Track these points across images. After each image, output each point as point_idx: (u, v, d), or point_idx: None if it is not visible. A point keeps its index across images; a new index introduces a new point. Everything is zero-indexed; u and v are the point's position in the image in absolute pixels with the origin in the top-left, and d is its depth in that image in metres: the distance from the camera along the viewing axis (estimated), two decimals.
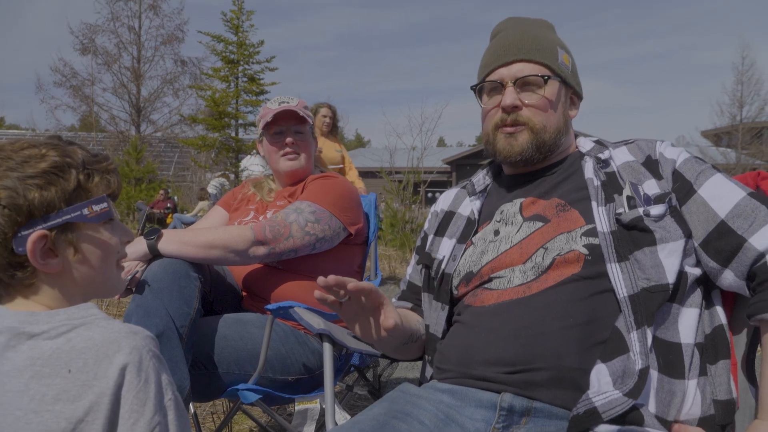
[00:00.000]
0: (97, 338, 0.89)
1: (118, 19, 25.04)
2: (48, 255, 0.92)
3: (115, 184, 1.01)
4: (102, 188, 0.98)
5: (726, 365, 1.11)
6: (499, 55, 1.32)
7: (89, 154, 0.99)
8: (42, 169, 0.91)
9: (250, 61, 17.42)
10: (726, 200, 1.12)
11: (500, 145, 1.31)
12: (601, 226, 1.14)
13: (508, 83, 1.28)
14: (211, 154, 17.92)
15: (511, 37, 1.33)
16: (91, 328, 0.91)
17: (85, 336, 0.89)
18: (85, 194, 0.95)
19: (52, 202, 0.91)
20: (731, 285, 1.12)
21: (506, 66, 1.30)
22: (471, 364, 1.16)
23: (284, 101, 2.11)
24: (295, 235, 1.84)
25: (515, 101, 1.27)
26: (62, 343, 0.89)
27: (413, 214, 11.10)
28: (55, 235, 0.92)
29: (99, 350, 0.87)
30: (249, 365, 1.72)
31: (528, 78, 1.28)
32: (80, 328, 0.90)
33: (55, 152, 0.94)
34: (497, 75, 1.31)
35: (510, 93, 1.27)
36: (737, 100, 24.88)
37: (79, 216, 0.94)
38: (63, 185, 0.92)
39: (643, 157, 1.25)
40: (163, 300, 1.56)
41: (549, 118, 1.29)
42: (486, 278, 1.23)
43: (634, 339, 1.04)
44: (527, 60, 1.29)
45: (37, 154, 0.93)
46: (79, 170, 0.95)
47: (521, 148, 1.28)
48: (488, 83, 1.33)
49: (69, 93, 25.13)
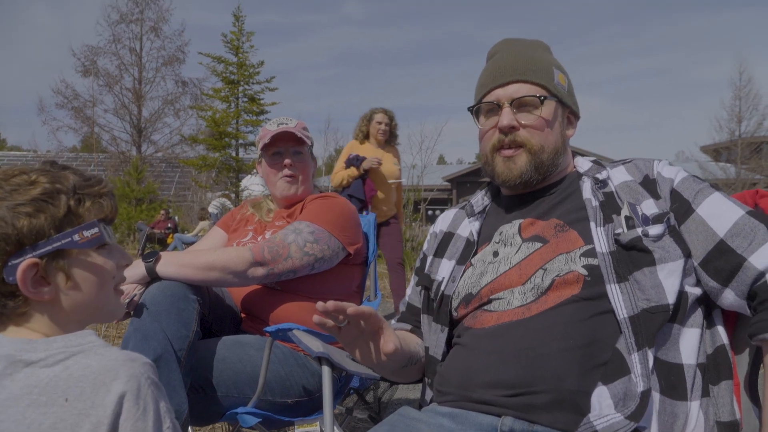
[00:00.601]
0: (95, 366, 0.87)
1: (120, 41, 25.27)
2: (39, 283, 0.91)
3: (108, 208, 0.99)
4: (94, 213, 0.96)
5: (729, 386, 1.10)
6: (495, 76, 1.32)
7: (81, 179, 0.97)
8: (31, 197, 0.90)
9: (250, 82, 17.56)
10: (725, 219, 1.12)
11: (499, 169, 1.31)
12: (600, 246, 1.14)
13: (504, 104, 1.29)
14: (211, 173, 18.00)
15: (506, 59, 1.34)
16: (88, 355, 0.89)
17: (83, 364, 0.88)
18: (76, 220, 0.94)
19: (42, 230, 0.90)
20: (732, 304, 1.11)
21: (502, 87, 1.31)
22: (471, 386, 1.14)
23: (283, 123, 2.12)
24: (294, 255, 1.84)
25: (512, 122, 1.27)
26: (59, 371, 0.87)
27: (414, 233, 11.09)
28: (46, 262, 0.91)
29: (96, 378, 0.86)
30: (248, 388, 1.71)
31: (524, 98, 1.28)
32: (78, 355, 0.89)
33: (45, 178, 0.92)
34: (493, 96, 1.31)
35: (507, 114, 1.28)
36: (735, 116, 24.97)
37: (69, 242, 0.92)
38: (52, 212, 0.91)
39: (641, 177, 1.24)
40: (161, 323, 1.55)
41: (547, 137, 1.29)
42: (485, 300, 1.22)
43: (635, 361, 1.03)
44: (523, 80, 1.30)
45: (26, 181, 0.92)
46: (69, 196, 0.93)
47: (520, 170, 1.28)
48: (485, 104, 1.33)
49: (71, 114, 25.28)
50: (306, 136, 2.13)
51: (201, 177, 19.43)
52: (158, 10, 25.65)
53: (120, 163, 24.65)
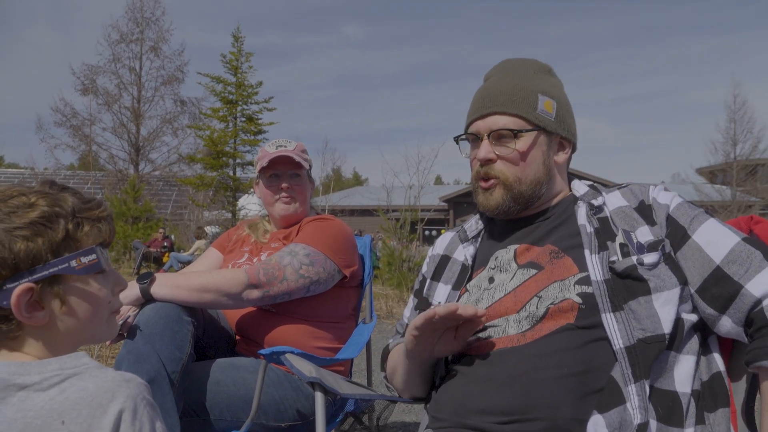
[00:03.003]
0: (91, 388, 0.86)
1: (120, 61, 25.43)
2: (34, 308, 0.89)
3: (107, 233, 0.97)
4: (92, 238, 0.95)
5: (725, 413, 1.09)
6: (477, 107, 1.35)
7: (81, 201, 0.95)
8: (29, 220, 0.88)
9: (248, 102, 17.67)
10: (721, 246, 1.12)
11: (480, 199, 1.35)
12: (594, 275, 1.14)
13: (483, 136, 1.32)
14: (209, 192, 18.01)
15: (490, 88, 1.36)
16: (84, 377, 0.88)
17: (79, 386, 0.87)
18: (74, 244, 0.92)
19: (39, 254, 0.88)
20: (729, 332, 1.10)
21: (482, 119, 1.33)
22: (465, 413, 1.13)
23: (281, 145, 2.12)
24: (290, 278, 1.83)
25: (488, 154, 1.30)
26: (55, 394, 0.86)
27: (410, 253, 11.07)
28: (42, 287, 0.89)
29: (93, 400, 0.85)
30: (242, 411, 1.69)
31: (500, 131, 1.30)
32: (73, 378, 0.88)
33: (44, 201, 0.91)
34: (475, 127, 1.35)
35: (485, 146, 1.31)
36: (730, 138, 25.18)
37: (66, 268, 0.90)
38: (50, 236, 0.89)
39: (637, 202, 1.25)
40: (154, 345, 1.54)
41: (524, 170, 1.30)
42: (481, 327, 1.22)
43: (632, 392, 1.02)
44: (500, 112, 1.31)
45: (25, 203, 0.90)
46: (68, 219, 0.92)
47: (496, 202, 1.31)
48: (468, 134, 1.37)
49: (69, 132, 25.35)
50: (304, 159, 2.14)
51: (198, 196, 19.45)
52: (158, 31, 25.89)
53: (117, 182, 24.65)
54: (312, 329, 1.94)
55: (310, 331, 1.94)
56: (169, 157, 26.06)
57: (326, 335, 1.97)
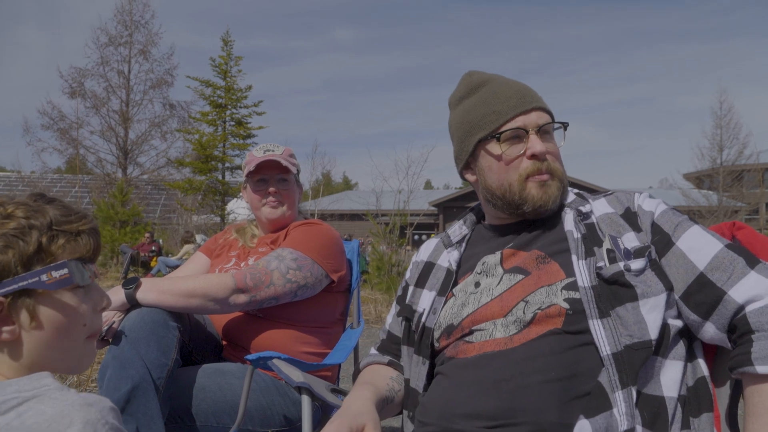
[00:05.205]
0: (49, 412, 0.81)
1: (108, 64, 25.31)
2: (2, 322, 0.86)
3: (86, 247, 0.94)
4: (68, 251, 0.91)
5: (709, 418, 1.10)
6: (514, 103, 1.29)
7: (62, 214, 0.92)
8: (2, 232, 0.86)
9: (237, 106, 17.65)
10: (704, 252, 1.12)
11: (535, 194, 1.27)
12: (581, 280, 1.14)
13: (531, 131, 1.27)
14: (197, 197, 17.93)
15: (516, 86, 1.33)
16: (42, 400, 0.83)
17: (37, 410, 0.81)
18: (47, 257, 0.89)
19: (8, 267, 0.85)
20: (713, 338, 1.11)
21: (526, 114, 1.28)
22: (452, 417, 1.13)
23: (269, 149, 2.12)
24: (277, 282, 1.82)
25: (544, 148, 1.26)
26: (12, 419, 0.81)
27: (400, 257, 11.08)
28: (11, 300, 0.86)
29: (50, 426, 0.79)
30: (228, 417, 1.68)
31: (546, 127, 1.29)
32: (31, 401, 0.83)
33: (21, 212, 0.88)
34: (519, 122, 1.28)
35: (538, 141, 1.26)
36: (717, 144, 25.44)
37: (36, 282, 0.87)
38: (21, 248, 0.86)
39: (622, 209, 1.25)
40: (139, 350, 1.53)
41: (562, 166, 1.31)
42: (467, 331, 1.22)
43: (619, 399, 1.02)
44: (541, 108, 1.30)
45: (1, 214, 0.88)
46: (42, 232, 0.88)
47: (554, 196, 1.27)
48: (510, 131, 1.29)
49: (56, 136, 25.15)
50: (292, 163, 2.13)
51: (187, 200, 19.36)
52: (147, 34, 25.80)
53: (105, 185, 24.49)
54: (299, 334, 1.94)
55: (297, 336, 1.93)
56: (158, 161, 25.97)
57: (313, 340, 1.97)
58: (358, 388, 1.29)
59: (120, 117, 25.31)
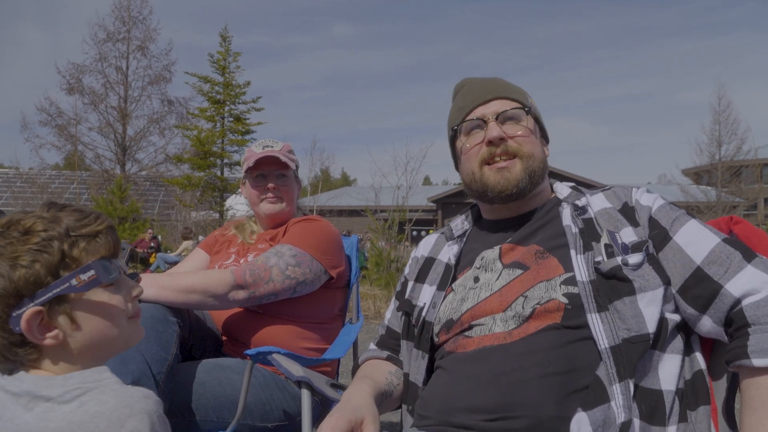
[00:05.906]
0: (111, 402, 0.90)
1: (106, 60, 25.29)
2: (45, 329, 0.92)
3: (106, 246, 0.98)
4: (90, 253, 0.95)
5: (706, 411, 1.11)
6: (474, 96, 1.35)
7: (75, 219, 0.96)
8: (27, 248, 0.91)
9: (236, 102, 17.63)
10: (701, 247, 1.13)
11: (492, 180, 1.30)
12: (580, 275, 1.15)
13: (489, 119, 1.31)
14: (196, 193, 17.93)
15: (482, 83, 1.37)
16: (104, 391, 0.92)
17: (99, 400, 0.90)
18: (72, 263, 0.93)
19: (39, 279, 0.90)
20: (710, 331, 1.12)
21: (484, 105, 1.33)
22: (451, 411, 1.14)
23: (268, 145, 2.12)
24: (276, 278, 1.83)
25: (501, 133, 1.29)
26: (76, 407, 0.90)
27: (398, 253, 11.08)
28: (49, 308, 0.92)
29: (112, 414, 0.89)
30: (227, 412, 1.68)
31: (508, 112, 1.31)
32: (93, 391, 0.92)
33: (39, 225, 0.93)
34: (477, 113, 1.33)
35: (494, 126, 1.29)
36: (715, 140, 25.47)
37: (68, 288, 0.92)
38: (47, 259, 0.91)
39: (620, 204, 1.26)
40: (139, 346, 1.53)
41: (535, 146, 1.32)
42: (466, 326, 1.22)
43: (616, 392, 1.03)
44: (503, 97, 1.33)
45: (21, 231, 0.92)
46: (62, 240, 0.93)
47: (516, 179, 1.28)
48: (467, 123, 1.34)
49: (54, 132, 25.13)
50: (291, 159, 2.14)
51: (185, 196, 19.35)
52: (145, 30, 25.78)
53: (103, 182, 24.46)
54: (298, 330, 1.94)
55: (296, 331, 1.94)
56: (156, 157, 25.95)
57: (313, 336, 1.97)
58: (357, 383, 1.30)
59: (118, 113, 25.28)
